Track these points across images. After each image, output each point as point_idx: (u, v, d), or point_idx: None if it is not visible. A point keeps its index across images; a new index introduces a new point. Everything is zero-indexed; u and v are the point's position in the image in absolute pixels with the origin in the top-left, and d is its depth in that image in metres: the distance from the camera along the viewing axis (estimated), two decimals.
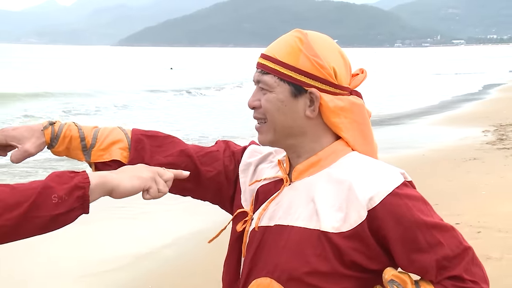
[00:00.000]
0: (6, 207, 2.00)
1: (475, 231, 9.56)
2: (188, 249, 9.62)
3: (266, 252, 2.46)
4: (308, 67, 2.38)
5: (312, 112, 2.40)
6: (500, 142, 18.31)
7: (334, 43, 2.51)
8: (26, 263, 9.47)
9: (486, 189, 12.22)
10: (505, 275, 7.87)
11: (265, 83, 2.43)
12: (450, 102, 34.52)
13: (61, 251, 9.96)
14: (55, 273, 8.95)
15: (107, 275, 8.63)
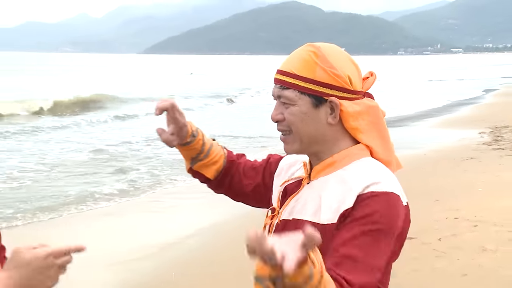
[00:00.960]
0: None
1: (472, 225, 9.54)
2: (209, 239, 9.64)
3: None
4: (326, 78, 2.39)
5: (333, 119, 2.41)
6: (495, 143, 18.30)
7: (344, 52, 2.51)
8: None
9: (482, 186, 12.20)
10: (500, 266, 7.85)
11: (287, 97, 2.42)
12: (448, 106, 34.49)
13: (94, 241, 9.97)
14: (88, 262, 8.91)
15: (134, 263, 8.65)
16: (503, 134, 20.03)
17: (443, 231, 9.26)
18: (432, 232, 9.17)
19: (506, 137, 19.35)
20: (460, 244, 8.71)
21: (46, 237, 9.91)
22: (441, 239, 8.91)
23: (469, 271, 7.71)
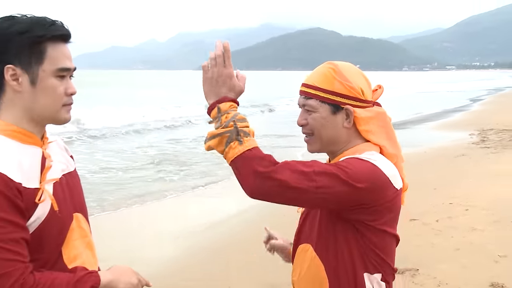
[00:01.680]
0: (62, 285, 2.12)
1: (464, 209, 9.50)
2: (248, 218, 9.67)
3: (306, 226, 2.54)
4: (342, 90, 2.42)
5: (348, 123, 2.44)
6: (482, 142, 18.20)
7: (357, 68, 2.54)
8: (139, 227, 9.72)
9: (472, 178, 12.14)
10: (487, 242, 7.83)
11: (310, 106, 2.46)
12: (443, 112, 34.29)
13: (164, 220, 10.15)
14: (159, 235, 9.07)
15: (192, 236, 8.74)
16: (489, 135, 19.92)
17: (440, 214, 9.21)
18: (431, 214, 9.13)
19: (491, 138, 19.24)
20: (454, 225, 8.68)
21: (127, 217, 10.09)
22: (438, 221, 8.87)
23: (461, 247, 7.69)
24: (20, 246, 2.07)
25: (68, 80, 2.29)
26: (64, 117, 2.31)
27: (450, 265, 7.01)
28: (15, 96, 2.22)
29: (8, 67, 2.17)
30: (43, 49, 2.19)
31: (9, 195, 2.06)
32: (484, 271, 6.76)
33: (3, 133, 2.21)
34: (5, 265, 2.02)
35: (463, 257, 7.30)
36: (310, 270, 2.46)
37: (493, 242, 7.81)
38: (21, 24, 2.18)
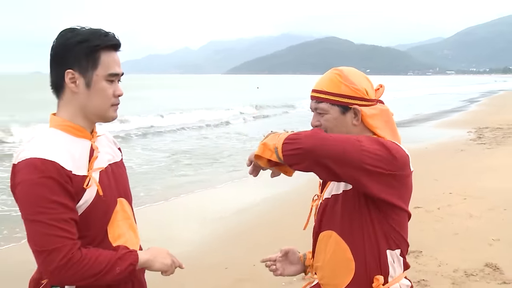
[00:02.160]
0: (91, 273, 2.18)
1: (462, 198, 9.43)
2: (270, 206, 9.68)
3: (327, 214, 2.52)
4: (349, 92, 2.44)
5: (357, 121, 2.47)
6: (479, 139, 18.01)
7: (359, 72, 2.56)
8: (171, 211, 9.84)
9: (470, 171, 12.04)
10: (482, 228, 7.80)
11: (322, 109, 2.49)
12: (443, 112, 33.96)
13: (195, 205, 10.14)
14: (189, 218, 9.09)
15: (219, 221, 8.68)
16: (484, 133, 19.71)
17: (441, 202, 9.15)
18: (433, 203, 9.06)
19: (486, 135, 19.04)
20: (454, 212, 8.62)
21: (169, 206, 10.22)
22: (440, 208, 8.81)
23: (460, 231, 7.65)
24: (69, 225, 2.16)
25: (116, 83, 2.38)
26: (112, 116, 2.41)
27: (450, 247, 6.99)
28: (72, 97, 2.32)
29: (68, 71, 2.27)
30: (98, 56, 2.29)
31: (61, 181, 2.15)
32: (479, 253, 6.73)
33: (59, 128, 2.32)
34: (56, 241, 2.11)
35: (461, 240, 7.27)
36: (335, 254, 2.47)
37: (487, 227, 7.77)
38: (80, 35, 2.27)
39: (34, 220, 2.12)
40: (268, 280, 6.05)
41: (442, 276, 6.04)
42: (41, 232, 2.12)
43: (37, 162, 2.14)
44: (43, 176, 2.12)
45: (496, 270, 6.13)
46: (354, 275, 2.44)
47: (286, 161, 2.28)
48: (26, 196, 2.14)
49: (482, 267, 6.25)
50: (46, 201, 2.11)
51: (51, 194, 2.12)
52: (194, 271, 6.56)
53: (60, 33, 2.32)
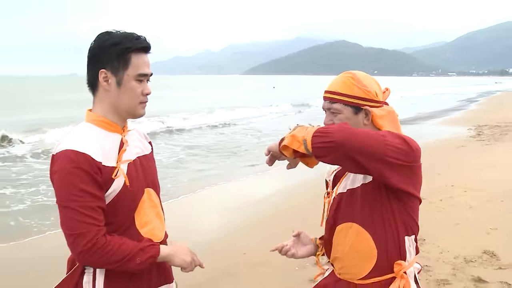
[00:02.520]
0: (113, 260, 2.21)
1: (463, 190, 9.39)
2: (282, 198, 9.68)
3: (343, 208, 2.48)
4: (361, 94, 2.44)
5: (367, 121, 2.46)
6: (478, 136, 17.89)
7: (369, 75, 2.54)
8: (196, 202, 9.84)
9: (470, 165, 11.98)
10: (481, 218, 7.77)
11: (335, 109, 2.46)
12: (445, 111, 33.79)
13: (216, 195, 10.18)
14: (210, 207, 9.13)
15: (237, 211, 8.72)
16: (483, 130, 19.57)
17: (443, 194, 9.11)
18: (435, 195, 9.02)
19: (485, 132, 18.90)
20: (455, 203, 8.57)
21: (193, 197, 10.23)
22: (442, 200, 8.77)
23: (460, 221, 7.61)
24: (96, 213, 2.20)
25: (145, 83, 2.40)
26: (140, 112, 2.43)
27: (451, 236, 6.96)
28: (105, 94, 2.35)
29: (102, 71, 2.31)
30: (129, 58, 2.32)
31: (91, 172, 2.19)
32: (478, 241, 6.70)
33: (94, 122, 2.37)
34: (82, 226, 2.16)
35: (461, 229, 7.24)
36: (357, 243, 2.43)
37: (486, 218, 7.73)
38: (114, 38, 2.31)
39: (66, 206, 2.18)
40: (282, 265, 6.06)
41: (444, 262, 6.03)
42: (70, 217, 2.17)
43: (71, 154, 2.19)
44: (75, 166, 2.17)
45: (493, 257, 6.12)
46: (376, 262, 2.43)
47: (315, 153, 2.22)
48: (60, 184, 2.20)
49: (480, 254, 6.24)
50: (76, 189, 2.16)
51: (81, 183, 2.17)
52: (215, 255, 6.59)
53: (97, 35, 2.36)
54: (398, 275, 2.42)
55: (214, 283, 5.76)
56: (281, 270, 5.97)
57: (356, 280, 2.47)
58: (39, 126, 22.53)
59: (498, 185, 9.68)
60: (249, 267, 6.20)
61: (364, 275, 2.45)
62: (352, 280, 2.49)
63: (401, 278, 2.41)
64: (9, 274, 6.23)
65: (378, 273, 2.43)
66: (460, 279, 5.52)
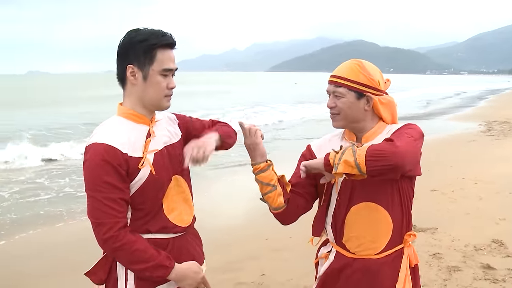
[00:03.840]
0: (125, 259, 2.26)
1: (473, 182, 9.31)
2: None
3: (358, 189, 2.45)
4: (365, 81, 2.44)
5: (368, 107, 2.46)
6: (488, 131, 17.70)
7: (375, 66, 2.53)
8: (224, 189, 9.90)
9: (480, 159, 11.86)
10: (490, 208, 7.73)
11: (339, 92, 2.46)
12: (457, 107, 33.47)
13: (233, 188, 10.17)
14: (230, 198, 9.16)
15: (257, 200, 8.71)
16: (493, 126, 19.35)
17: (455, 186, 9.05)
18: (448, 186, 8.96)
19: (495, 128, 18.70)
20: (466, 195, 8.50)
21: (225, 185, 10.22)
22: (454, 191, 8.70)
23: (471, 211, 7.56)
24: (117, 205, 2.22)
25: (170, 77, 2.39)
26: (165, 105, 2.42)
27: (462, 225, 6.91)
28: (132, 88, 2.36)
29: (129, 66, 2.32)
30: (154, 54, 2.31)
31: (116, 165, 2.22)
32: (487, 230, 6.66)
33: (123, 116, 2.39)
34: (103, 216, 2.19)
35: (471, 219, 7.19)
36: (376, 221, 2.44)
37: (495, 208, 7.68)
38: (142, 35, 2.31)
39: (91, 195, 2.23)
40: (303, 250, 6.05)
41: (455, 250, 5.98)
42: (94, 207, 2.22)
43: (100, 147, 2.22)
44: (102, 159, 2.20)
45: (501, 245, 6.07)
46: (392, 236, 2.46)
47: (370, 174, 2.19)
48: (88, 175, 2.23)
49: (489, 242, 6.19)
50: (101, 181, 2.20)
51: (106, 175, 2.20)
52: (239, 239, 6.63)
53: (127, 32, 2.37)
54: (406, 245, 2.51)
55: (239, 266, 5.78)
56: (302, 255, 5.97)
57: (373, 256, 2.48)
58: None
59: (507, 178, 9.58)
60: (272, 251, 6.22)
61: (380, 250, 2.47)
62: (370, 256, 2.48)
63: (409, 247, 2.52)
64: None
65: (392, 246, 2.48)
66: (470, 266, 5.48)
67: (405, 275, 2.46)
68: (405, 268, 2.47)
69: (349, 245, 2.53)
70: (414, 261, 2.52)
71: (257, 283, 5.27)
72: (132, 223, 2.33)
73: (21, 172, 12.26)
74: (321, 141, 2.71)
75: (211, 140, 2.48)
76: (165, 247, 2.39)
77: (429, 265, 5.46)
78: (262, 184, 2.60)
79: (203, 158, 2.36)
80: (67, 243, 6.85)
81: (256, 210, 8.14)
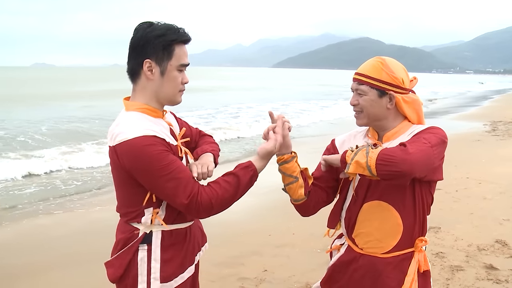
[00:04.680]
0: (234, 191, 2.40)
1: (477, 182, 9.27)
2: None
3: (373, 187, 2.47)
4: (388, 79, 2.42)
5: (391, 105, 2.45)
6: (493, 131, 17.61)
7: (399, 63, 2.53)
8: None
9: (485, 159, 11.81)
10: (494, 208, 7.68)
11: (362, 90, 2.46)
12: (461, 106, 33.32)
13: None
14: None
15: (266, 195, 8.69)
16: (498, 126, 19.26)
17: (459, 186, 9.02)
18: (452, 186, 8.92)
19: (500, 128, 18.61)
20: (469, 194, 8.48)
21: None
22: (457, 191, 8.67)
23: (474, 211, 7.53)
24: (187, 172, 2.29)
25: (184, 72, 2.42)
26: (178, 100, 2.44)
27: (465, 225, 6.90)
28: (147, 83, 2.35)
29: (147, 60, 2.31)
30: (173, 49, 2.32)
31: (166, 148, 2.24)
32: (491, 230, 6.64)
33: (139, 110, 2.36)
34: (194, 186, 2.25)
35: (475, 219, 7.17)
36: (385, 221, 2.45)
37: (499, 209, 7.65)
38: (158, 30, 2.30)
39: (168, 179, 2.20)
40: (306, 246, 6.07)
41: (458, 249, 5.97)
42: (178, 184, 2.21)
43: (141, 140, 2.19)
44: (151, 147, 2.18)
45: (504, 246, 6.05)
46: (401, 239, 2.46)
47: (380, 177, 2.21)
48: (148, 166, 2.18)
49: (492, 242, 6.18)
50: (166, 161, 2.20)
51: (166, 156, 2.21)
52: (242, 235, 6.63)
53: (138, 26, 2.35)
54: (417, 249, 2.48)
55: (242, 261, 5.79)
56: (305, 252, 5.98)
57: (380, 254, 2.50)
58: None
59: (511, 178, 9.55)
60: (275, 247, 6.22)
61: (387, 250, 2.48)
62: (376, 254, 2.50)
63: (420, 252, 2.49)
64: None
65: (401, 248, 2.47)
66: (473, 266, 5.47)
67: (411, 280, 2.44)
68: (413, 272, 2.45)
69: (358, 240, 2.57)
70: (424, 267, 2.50)
71: (259, 279, 5.28)
72: (167, 214, 2.39)
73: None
74: (345, 136, 2.75)
75: (211, 159, 2.56)
76: (185, 235, 2.47)
77: (432, 264, 5.45)
78: (284, 174, 2.65)
79: (208, 172, 2.45)
80: (66, 236, 6.88)
81: (260, 205, 8.17)
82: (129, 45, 2.36)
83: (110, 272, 2.39)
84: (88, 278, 5.31)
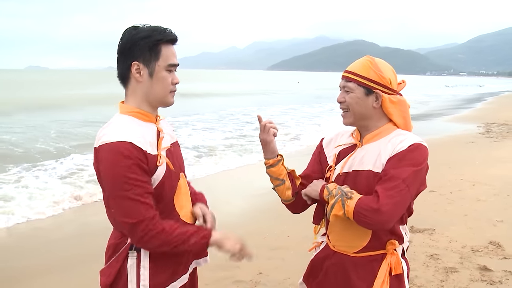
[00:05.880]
0: (172, 241, 2.23)
1: (471, 184, 9.28)
2: None
3: (350, 186, 2.44)
4: (375, 78, 2.43)
5: (377, 104, 2.45)
6: (487, 133, 17.63)
7: (388, 64, 2.53)
8: (223, 186, 9.73)
9: (478, 160, 11.81)
10: (488, 210, 7.70)
11: (349, 87, 2.47)
12: (455, 108, 33.42)
13: (241, 183, 10.17)
14: (238, 192, 9.15)
15: (260, 197, 8.69)
16: (492, 128, 19.30)
17: (453, 187, 9.02)
18: (446, 187, 8.93)
19: (493, 130, 18.64)
20: (463, 196, 8.49)
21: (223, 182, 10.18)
22: (452, 192, 8.68)
23: (468, 213, 7.54)
24: (149, 198, 2.21)
25: (174, 73, 2.39)
26: (170, 101, 2.41)
27: (459, 226, 6.91)
28: (137, 86, 2.33)
29: (134, 63, 2.28)
30: (159, 49, 2.29)
31: (139, 161, 2.16)
32: (485, 232, 6.65)
33: (129, 114, 2.33)
34: (140, 213, 2.19)
35: (469, 221, 7.18)
36: (354, 222, 2.38)
37: (492, 210, 7.66)
38: (144, 31, 2.28)
39: (121, 196, 2.15)
40: (300, 249, 6.06)
41: (452, 251, 5.98)
42: (128, 206, 2.15)
43: (119, 145, 2.14)
44: (123, 156, 2.13)
45: (498, 247, 6.07)
46: (370, 241, 2.47)
47: (357, 223, 2.33)
48: (112, 176, 2.15)
49: (486, 244, 6.20)
50: (129, 178, 2.13)
51: (132, 173, 2.14)
52: None
53: (125, 30, 2.33)
54: (389, 252, 2.48)
55: (236, 264, 5.76)
56: (299, 254, 5.97)
57: (351, 253, 2.52)
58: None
59: (505, 180, 9.58)
60: (269, 250, 6.21)
61: (357, 250, 2.50)
62: (347, 253, 2.53)
63: (392, 255, 2.48)
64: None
65: (370, 249, 2.48)
66: (467, 267, 5.48)
67: (381, 282, 2.43)
68: (383, 275, 2.44)
69: (331, 237, 2.62)
70: (397, 270, 2.47)
71: (254, 281, 5.27)
72: None
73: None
74: (333, 135, 2.77)
75: (207, 207, 2.64)
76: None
77: (426, 266, 5.47)
78: (271, 178, 2.69)
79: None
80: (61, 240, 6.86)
81: (254, 208, 8.17)
82: (117, 50, 2.34)
83: (101, 280, 2.37)
84: (85, 281, 5.29)
